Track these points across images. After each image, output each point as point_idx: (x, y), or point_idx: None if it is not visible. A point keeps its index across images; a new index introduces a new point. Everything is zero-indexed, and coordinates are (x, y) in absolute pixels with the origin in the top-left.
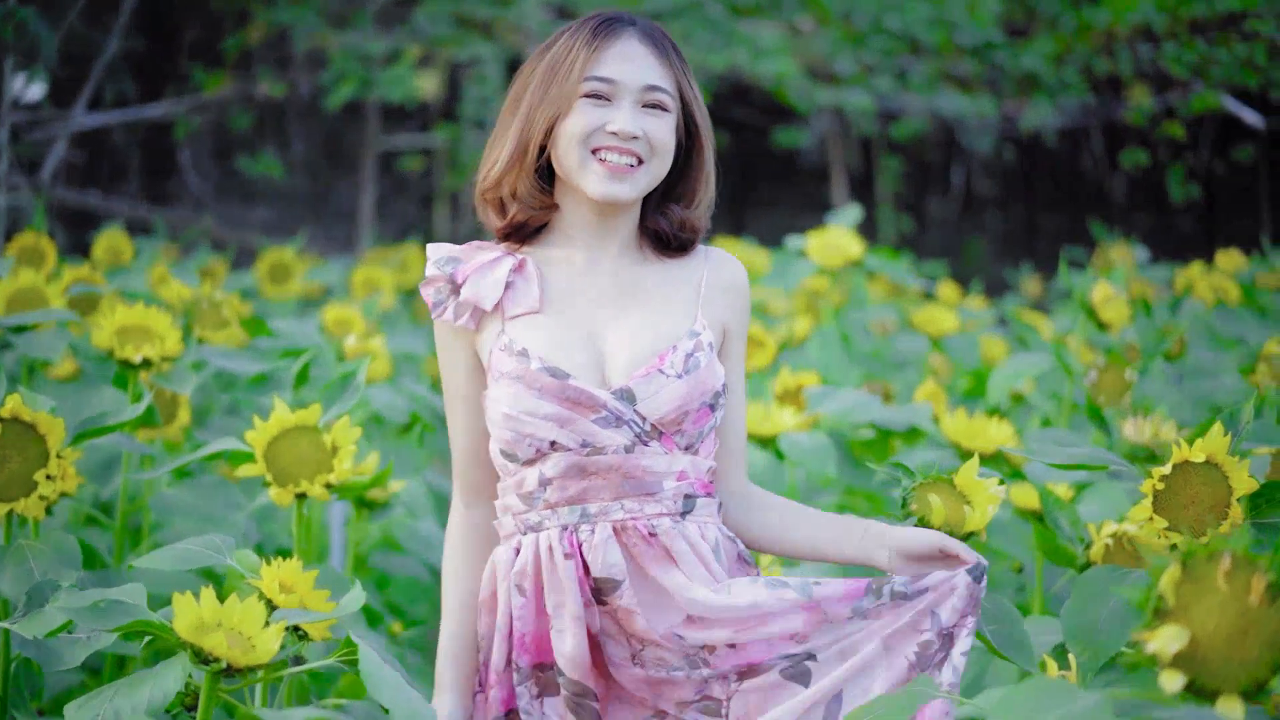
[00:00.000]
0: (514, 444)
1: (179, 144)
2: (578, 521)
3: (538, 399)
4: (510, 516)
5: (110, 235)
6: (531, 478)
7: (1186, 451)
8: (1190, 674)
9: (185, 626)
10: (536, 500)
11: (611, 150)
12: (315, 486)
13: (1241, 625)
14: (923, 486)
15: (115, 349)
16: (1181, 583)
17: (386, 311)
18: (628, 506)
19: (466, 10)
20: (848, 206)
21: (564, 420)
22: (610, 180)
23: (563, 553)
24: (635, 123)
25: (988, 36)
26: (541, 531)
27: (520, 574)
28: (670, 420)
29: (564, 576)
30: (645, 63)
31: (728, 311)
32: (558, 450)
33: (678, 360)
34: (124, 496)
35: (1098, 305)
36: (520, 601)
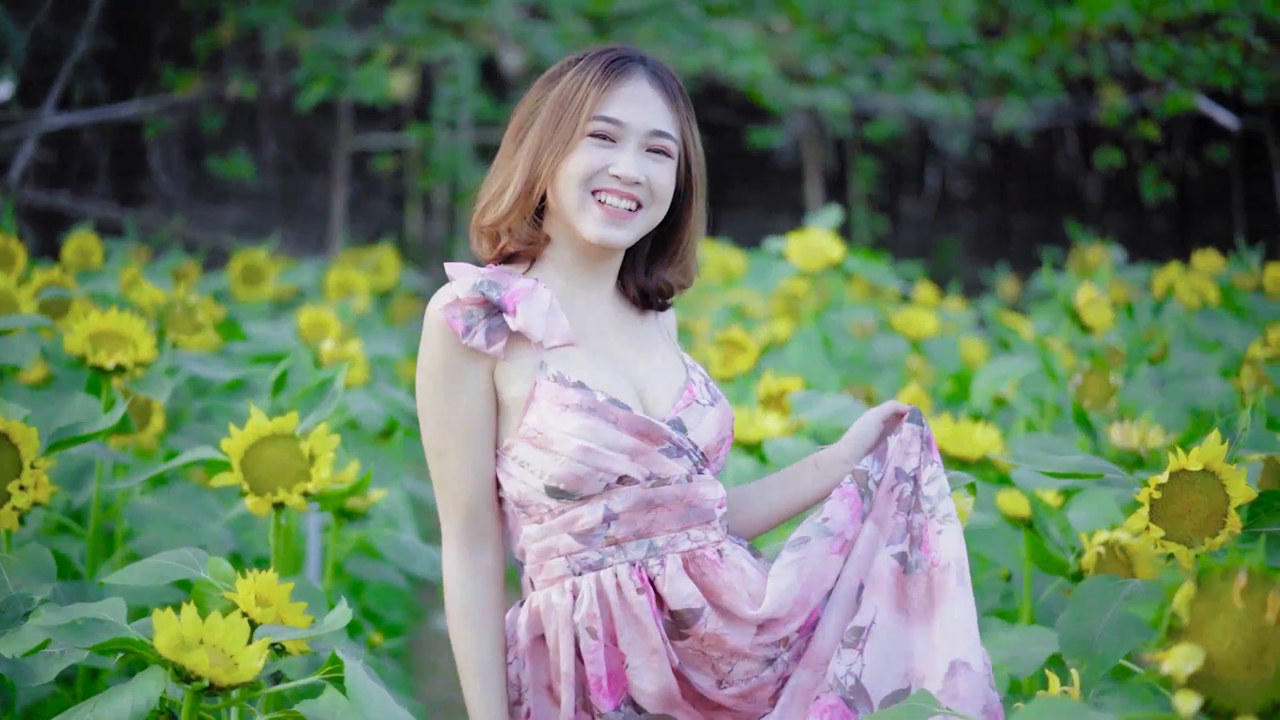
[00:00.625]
0: (582, 479)
1: (149, 144)
2: (645, 556)
3: (616, 432)
4: (560, 559)
5: (80, 237)
6: (590, 515)
7: (1183, 460)
8: (1206, 695)
9: (166, 644)
10: (597, 538)
11: (612, 193)
12: (293, 496)
13: (1258, 644)
14: None
15: (88, 355)
16: (1196, 600)
17: (361, 314)
18: (694, 535)
19: (439, 10)
20: (827, 208)
21: (636, 453)
22: (607, 224)
23: (634, 588)
24: (639, 167)
25: (961, 36)
26: (603, 570)
27: (589, 616)
28: (713, 447)
29: (640, 613)
30: (654, 106)
31: (674, 338)
32: (625, 484)
33: (704, 391)
34: (97, 505)
35: (1081, 308)
36: (592, 644)
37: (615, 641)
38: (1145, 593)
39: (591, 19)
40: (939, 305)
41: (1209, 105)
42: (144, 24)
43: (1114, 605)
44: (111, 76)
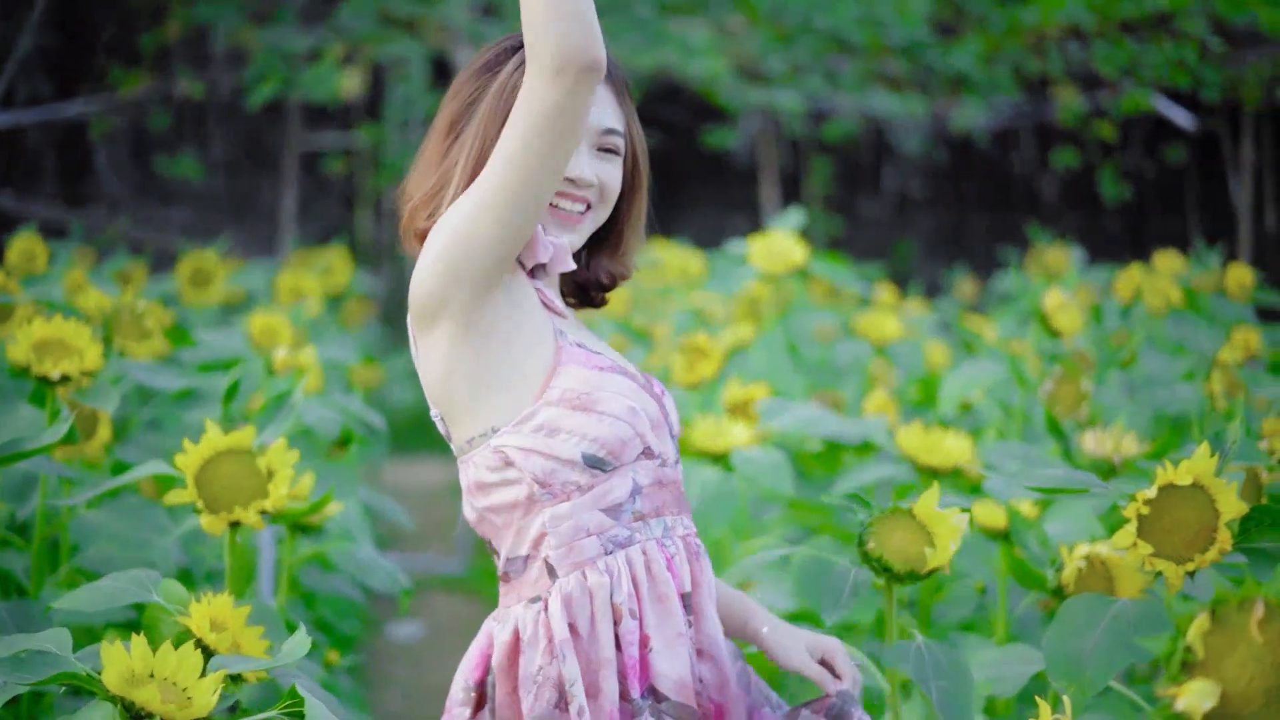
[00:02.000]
0: (626, 444)
1: (95, 144)
2: (662, 534)
3: (647, 397)
4: (591, 539)
5: (25, 239)
6: (620, 487)
7: (1172, 474)
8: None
9: (115, 679)
10: (625, 513)
11: (564, 197)
12: (250, 514)
13: (1278, 679)
14: (880, 521)
15: (33, 364)
16: (1211, 633)
17: (313, 318)
18: (685, 522)
19: (390, 8)
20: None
21: (657, 424)
22: (561, 229)
23: (662, 565)
24: (592, 169)
25: (917, 36)
26: (630, 547)
27: (630, 597)
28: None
29: (667, 592)
30: (604, 103)
31: None
32: (647, 457)
33: (659, 383)
34: (41, 519)
35: (1050, 313)
36: (631, 625)
37: (643, 624)
38: (1133, 612)
39: None
40: (900, 308)
41: (1166, 105)
42: (89, 22)
43: (1102, 624)
44: (56, 75)
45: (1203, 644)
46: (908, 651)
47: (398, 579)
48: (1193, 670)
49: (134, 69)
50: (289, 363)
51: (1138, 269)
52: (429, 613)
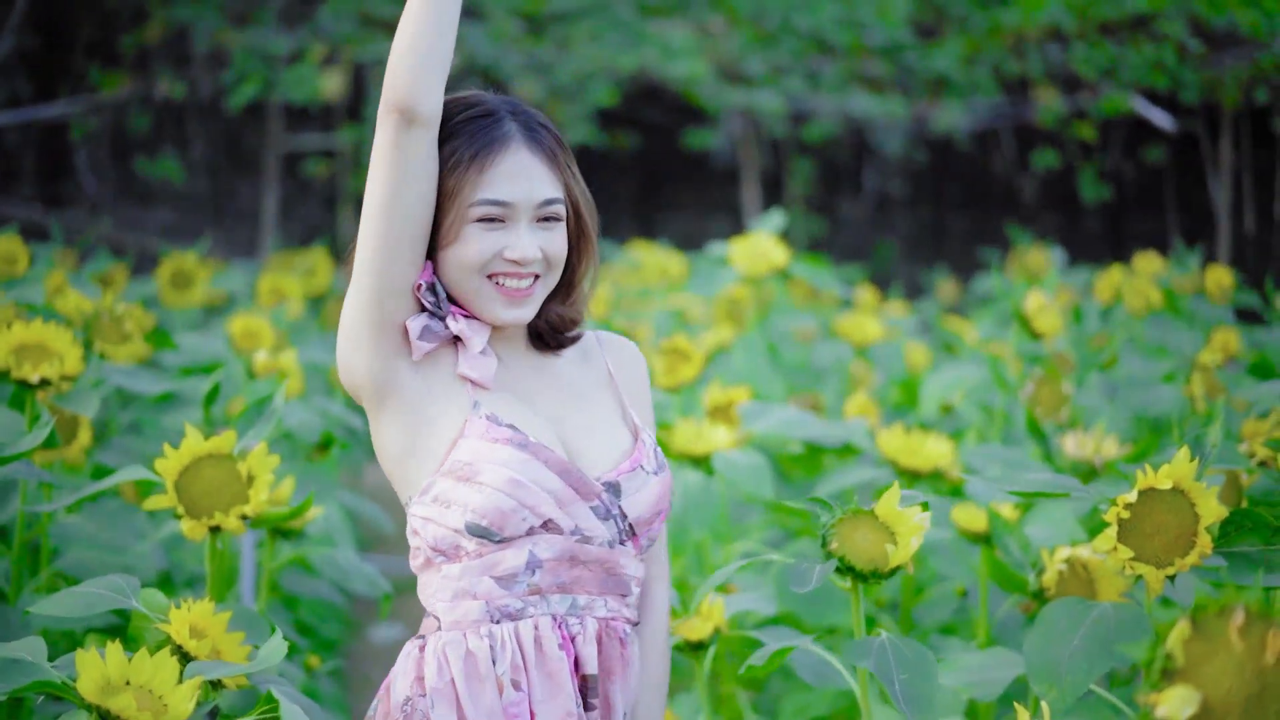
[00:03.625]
0: (506, 515)
1: (75, 145)
2: (566, 612)
3: (546, 471)
4: (476, 602)
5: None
6: (515, 558)
7: (1152, 478)
8: None
9: (90, 687)
10: (519, 584)
11: (510, 275)
12: (230, 519)
13: (1258, 686)
14: (842, 522)
15: (13, 368)
16: (1191, 640)
17: (294, 320)
18: (610, 605)
19: (371, 9)
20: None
21: (564, 500)
22: (511, 306)
23: (555, 643)
24: (534, 244)
25: (897, 37)
26: (522, 620)
27: (514, 668)
28: (645, 520)
29: (556, 670)
30: (537, 175)
31: (640, 400)
32: (550, 531)
33: (651, 456)
34: (21, 524)
35: (1031, 315)
36: (516, 697)
37: (531, 699)
38: (1113, 616)
39: (526, 19)
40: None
41: (1145, 106)
42: (69, 23)
43: (1082, 628)
44: (36, 76)
45: (1183, 651)
46: (870, 647)
47: (379, 582)
48: (1173, 677)
49: (114, 70)
50: (270, 365)
51: (1118, 270)
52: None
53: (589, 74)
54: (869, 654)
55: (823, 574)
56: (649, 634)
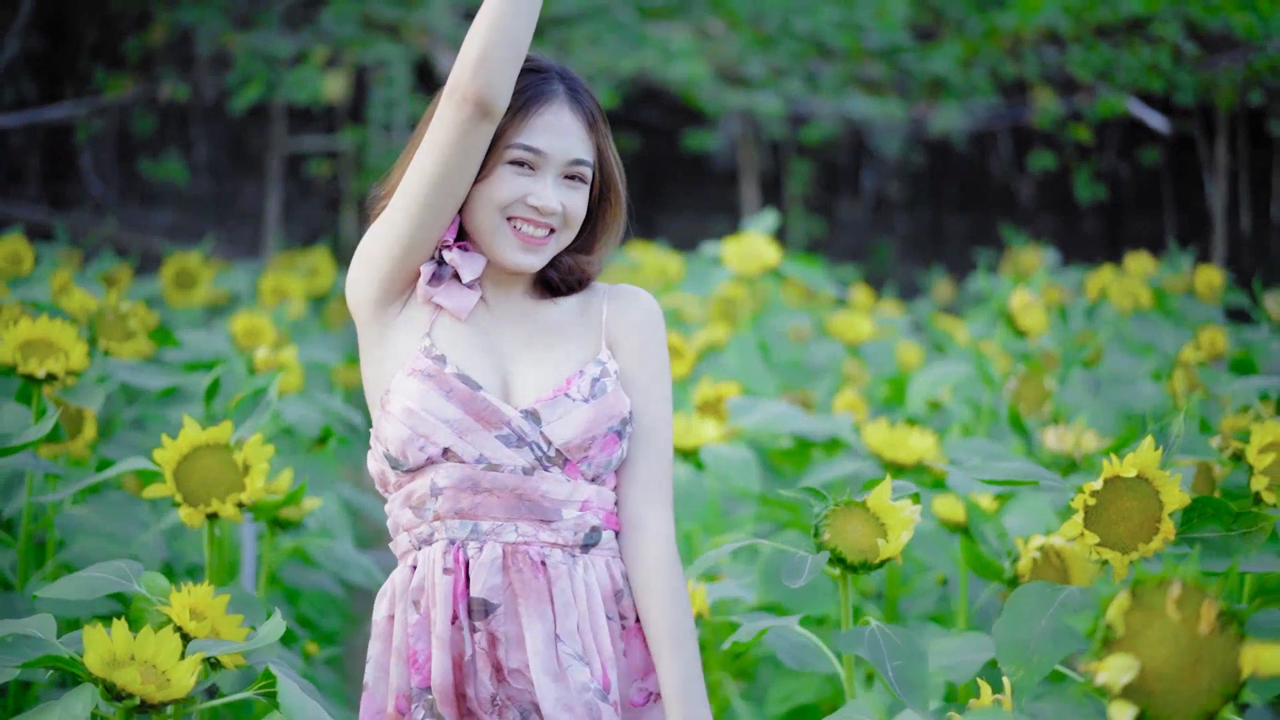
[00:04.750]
0: (406, 444)
1: (80, 147)
2: (467, 537)
3: (444, 400)
4: (404, 533)
5: (10, 241)
6: (421, 487)
7: (1117, 466)
8: (1140, 705)
9: (96, 661)
10: (426, 511)
11: (528, 222)
12: (227, 507)
13: (1193, 655)
14: (835, 513)
15: (19, 363)
16: (1131, 611)
17: (296, 319)
18: (521, 530)
19: (373, 12)
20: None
21: (464, 429)
22: (523, 251)
23: (443, 567)
24: (556, 197)
25: (896, 40)
26: (433, 544)
27: (417, 589)
28: (576, 446)
29: (440, 593)
30: (573, 134)
31: (634, 344)
32: (450, 460)
33: (584, 385)
34: (28, 516)
35: (1016, 312)
36: (415, 618)
37: (428, 618)
38: (1080, 599)
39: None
40: (874, 309)
41: (1140, 108)
42: (74, 25)
43: (1050, 611)
44: (41, 78)
45: (1123, 622)
46: (862, 636)
47: (374, 573)
48: (1113, 646)
49: (119, 72)
50: (270, 362)
51: (1109, 270)
52: None
53: (589, 76)
54: (861, 642)
55: (815, 566)
56: (645, 569)
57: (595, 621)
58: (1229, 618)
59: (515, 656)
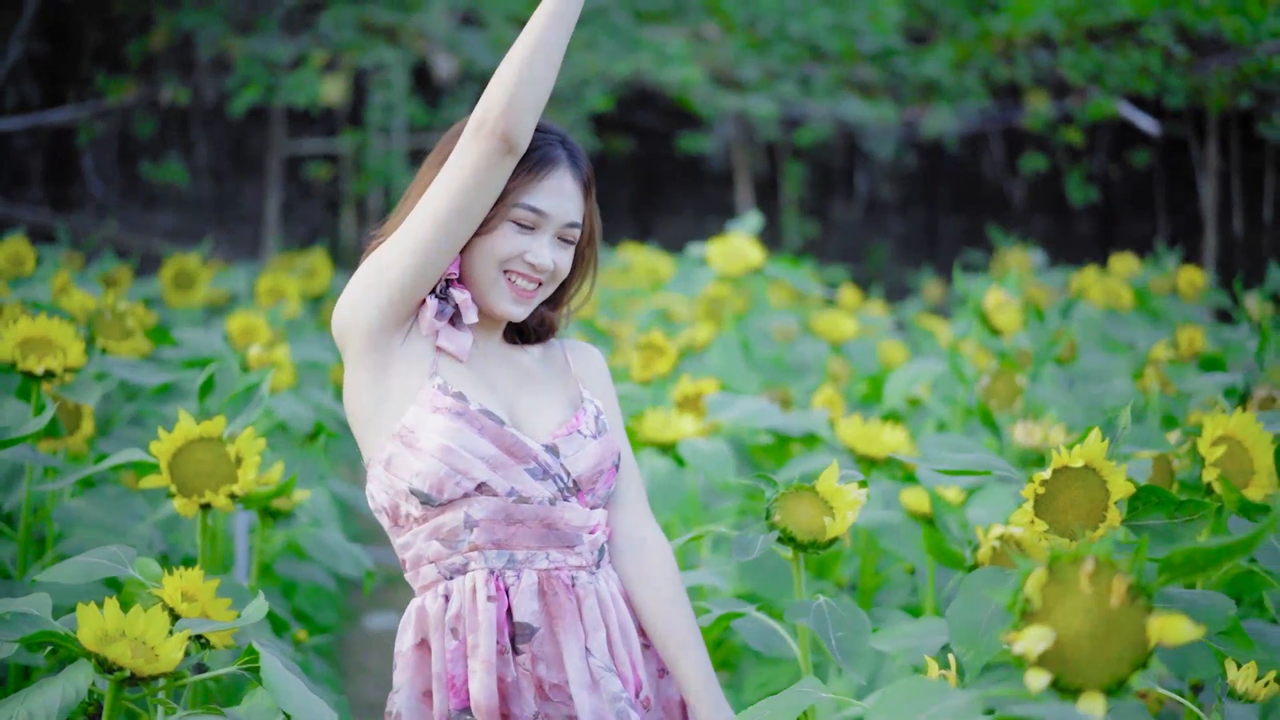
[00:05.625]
0: (443, 481)
1: (82, 149)
2: (504, 566)
3: (478, 437)
4: (430, 565)
5: (12, 243)
6: (453, 520)
7: (1065, 457)
8: (1055, 672)
9: (89, 637)
10: (461, 543)
11: (523, 276)
12: (219, 497)
13: (1104, 626)
14: (785, 496)
15: (18, 361)
16: (1047, 585)
17: (293, 319)
18: (553, 557)
19: (371, 16)
20: (749, 214)
21: (498, 465)
22: (514, 303)
23: (486, 595)
24: (550, 256)
25: (889, 43)
26: (467, 574)
27: (455, 618)
28: (588, 478)
29: (484, 619)
30: (573, 199)
31: (600, 388)
32: (484, 493)
33: (589, 422)
34: (27, 508)
35: (990, 311)
36: (453, 645)
37: (466, 645)
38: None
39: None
40: (860, 309)
41: (1130, 111)
42: (77, 30)
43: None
44: (44, 82)
45: (1040, 595)
46: (809, 608)
47: (363, 561)
48: (1031, 618)
49: (120, 76)
50: (262, 359)
51: (1093, 271)
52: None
53: (585, 80)
54: (808, 613)
55: (765, 543)
56: (659, 580)
57: (624, 625)
58: (1138, 591)
59: (555, 674)
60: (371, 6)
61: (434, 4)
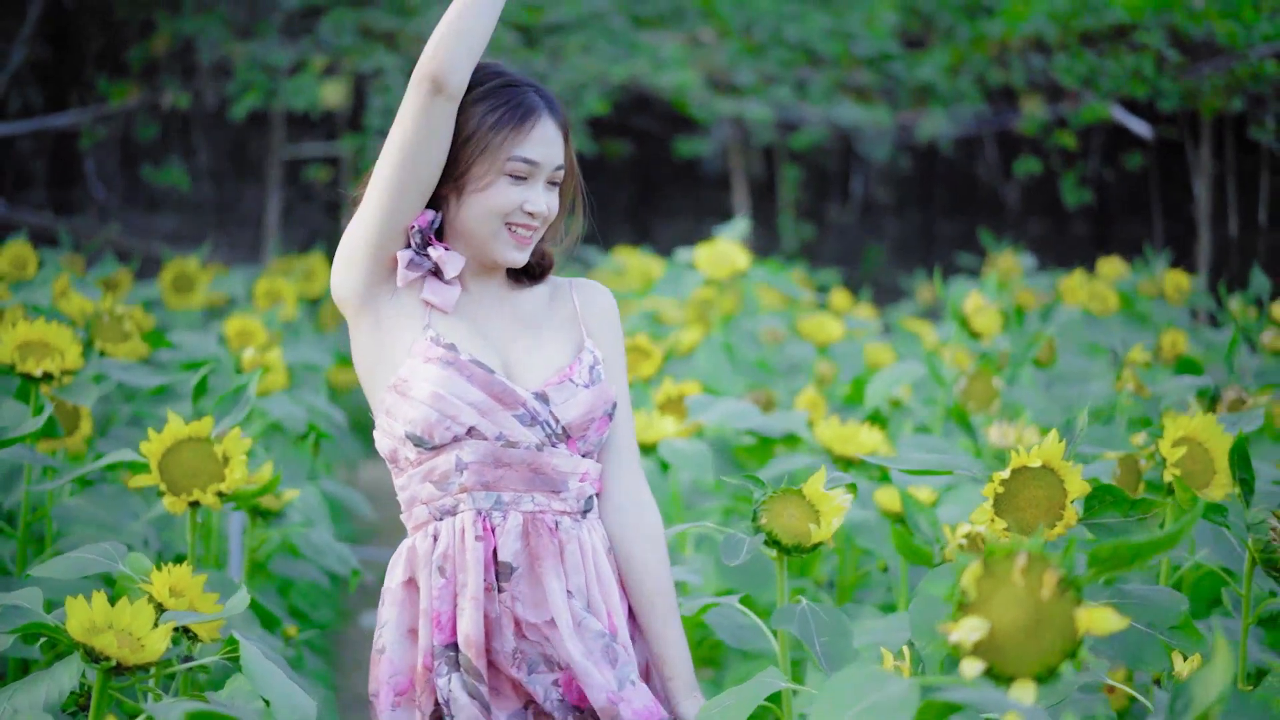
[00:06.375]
0: (434, 426)
1: (85, 153)
2: (491, 507)
3: (467, 384)
4: (422, 506)
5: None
6: (445, 463)
7: (1025, 457)
8: (989, 660)
9: (77, 627)
10: (451, 484)
11: (524, 227)
12: (207, 495)
13: (1035, 617)
14: (772, 500)
15: (16, 363)
16: (983, 579)
17: (290, 321)
18: (538, 500)
19: (370, 21)
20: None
21: (486, 410)
22: (518, 250)
23: (474, 535)
24: (546, 202)
25: (884, 47)
26: (457, 515)
27: (443, 556)
28: (578, 425)
29: (472, 558)
30: (556, 144)
31: (605, 334)
32: (474, 437)
33: (584, 372)
34: (26, 506)
35: (969, 315)
36: (440, 583)
37: (455, 583)
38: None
39: (521, 30)
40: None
41: (1123, 114)
42: (79, 35)
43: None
44: (47, 87)
45: (975, 588)
46: (794, 613)
47: (348, 559)
48: (967, 610)
49: (123, 81)
50: (255, 361)
51: (1079, 274)
52: None
53: (582, 84)
54: (793, 619)
55: (752, 546)
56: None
57: (602, 574)
58: (1068, 584)
59: (531, 613)
60: (371, 12)
61: (433, 9)
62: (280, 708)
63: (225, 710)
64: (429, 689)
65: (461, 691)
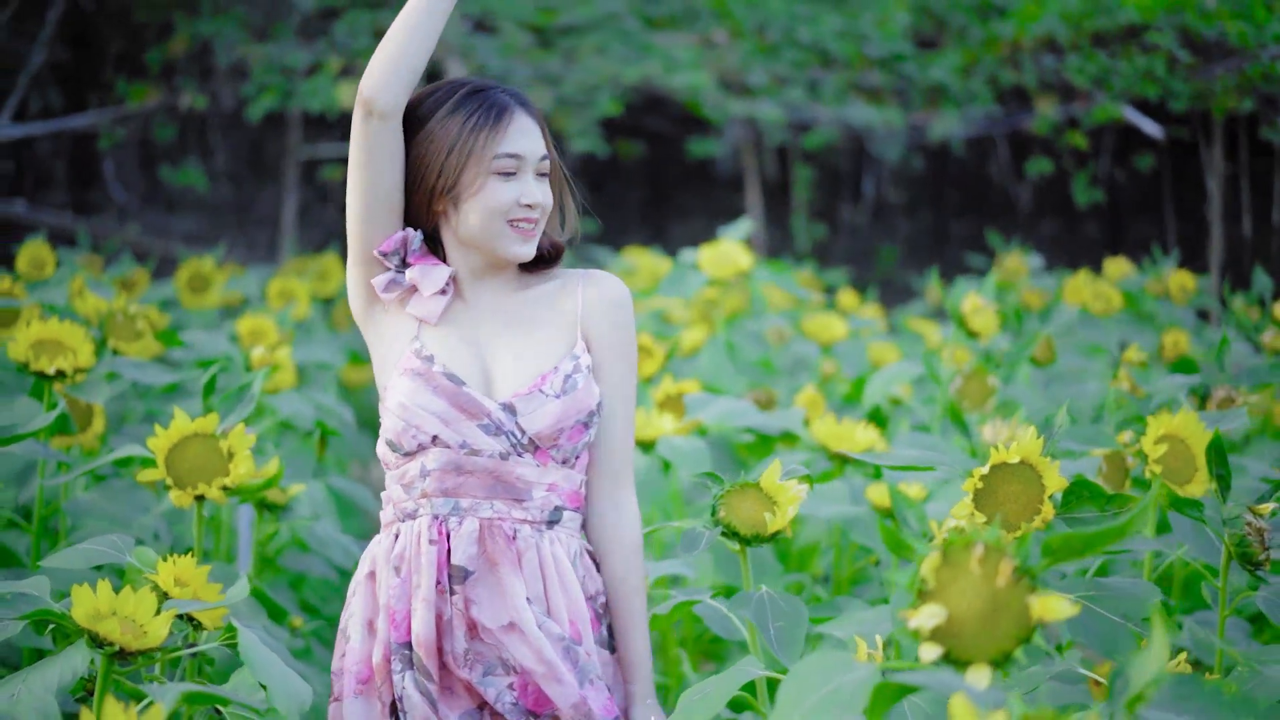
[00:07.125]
0: (401, 434)
1: (103, 154)
2: (449, 513)
3: (431, 395)
4: (391, 506)
5: (33, 247)
6: (413, 469)
7: (1004, 454)
8: (947, 646)
9: (82, 614)
10: (414, 490)
11: (524, 220)
12: (212, 489)
13: (991, 604)
14: (730, 493)
15: (30, 361)
16: (941, 568)
17: (303, 320)
18: (496, 507)
19: (385, 23)
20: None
21: (449, 419)
22: (524, 243)
23: (428, 539)
24: (540, 193)
25: (897, 48)
26: (417, 519)
27: (399, 556)
28: (547, 435)
29: (425, 560)
30: (536, 136)
31: (607, 332)
32: (438, 445)
33: (557, 381)
34: (40, 501)
35: (967, 315)
36: (395, 582)
37: (410, 583)
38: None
39: (535, 31)
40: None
41: (1135, 115)
42: (98, 37)
43: None
44: (67, 88)
45: (934, 576)
46: (750, 599)
47: (351, 552)
48: (926, 597)
49: (141, 82)
50: (265, 360)
51: (1084, 275)
52: None
53: (595, 85)
54: (749, 605)
55: (710, 538)
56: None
57: (566, 583)
58: (1023, 573)
59: (488, 617)
60: (385, 14)
61: None
62: (277, 692)
63: (220, 693)
64: (389, 681)
65: (414, 690)
